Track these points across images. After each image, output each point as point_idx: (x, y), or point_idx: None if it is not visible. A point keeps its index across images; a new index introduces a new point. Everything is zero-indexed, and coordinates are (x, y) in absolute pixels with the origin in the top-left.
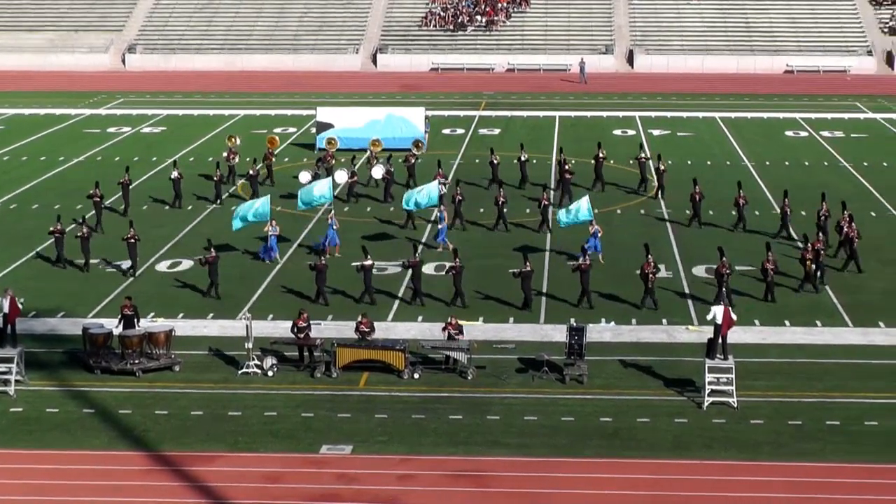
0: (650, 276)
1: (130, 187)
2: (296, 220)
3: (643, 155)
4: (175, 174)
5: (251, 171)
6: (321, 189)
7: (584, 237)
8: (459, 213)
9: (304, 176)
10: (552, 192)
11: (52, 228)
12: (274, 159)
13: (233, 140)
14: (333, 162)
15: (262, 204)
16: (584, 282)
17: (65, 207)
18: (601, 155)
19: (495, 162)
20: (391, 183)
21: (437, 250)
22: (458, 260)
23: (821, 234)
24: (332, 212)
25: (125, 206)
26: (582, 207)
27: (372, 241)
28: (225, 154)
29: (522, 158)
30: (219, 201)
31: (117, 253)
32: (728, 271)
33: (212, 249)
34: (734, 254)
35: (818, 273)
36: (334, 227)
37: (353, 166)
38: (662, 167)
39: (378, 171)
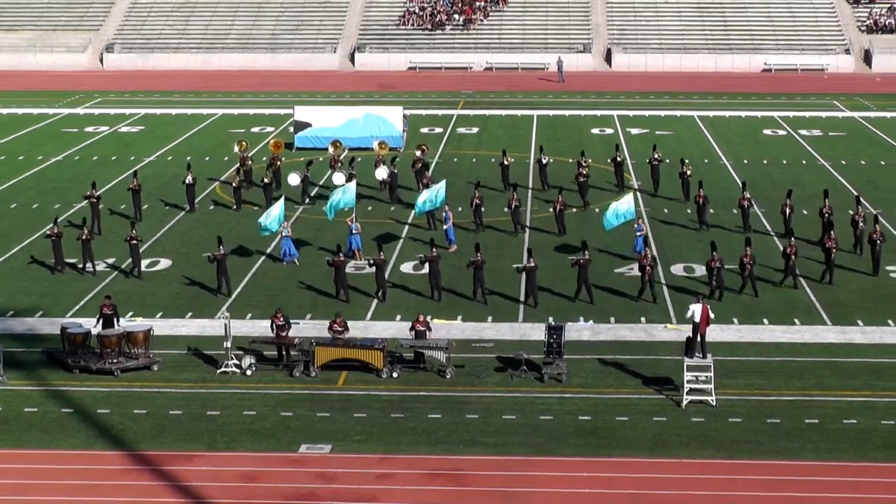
0: (647, 268)
1: (141, 193)
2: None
3: (657, 156)
4: (189, 179)
5: (265, 180)
6: (346, 194)
7: (577, 235)
8: (479, 216)
9: (294, 178)
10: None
11: (48, 232)
12: (280, 164)
13: (243, 144)
14: (339, 165)
15: (280, 208)
16: (582, 277)
17: (43, 206)
18: (618, 158)
19: (505, 164)
20: (396, 184)
21: (449, 250)
22: (479, 254)
23: (832, 231)
24: (353, 215)
25: (136, 212)
26: (628, 206)
27: (381, 241)
28: (240, 158)
29: (543, 161)
30: (236, 207)
31: (109, 253)
32: (718, 265)
33: (221, 247)
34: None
35: (828, 269)
36: (353, 231)
37: (351, 168)
38: (689, 171)
39: (382, 173)
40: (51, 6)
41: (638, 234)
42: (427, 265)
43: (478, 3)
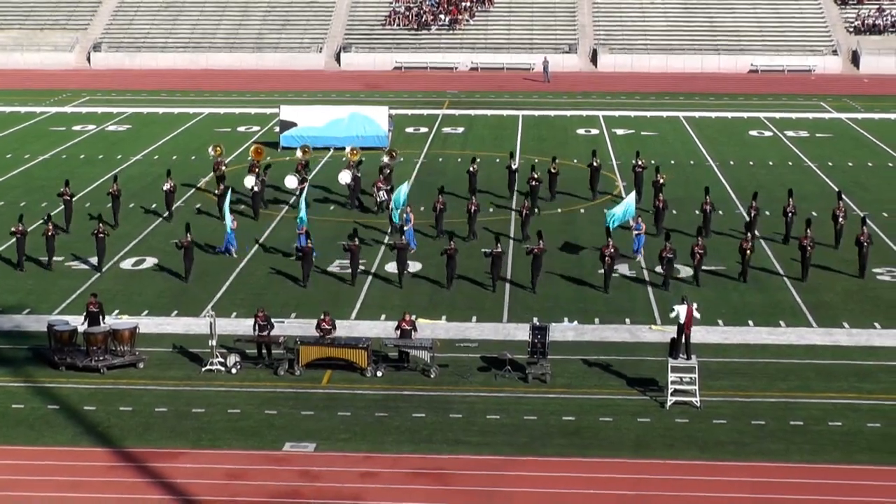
0: (607, 258)
1: (120, 198)
2: (263, 218)
3: (640, 163)
4: (168, 186)
5: (255, 188)
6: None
7: (563, 236)
8: (439, 222)
9: (250, 180)
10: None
11: (13, 228)
12: (259, 170)
13: (219, 150)
14: (225, 168)
15: (226, 203)
16: (536, 265)
17: (30, 204)
18: (595, 163)
19: (472, 171)
20: (358, 189)
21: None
22: (452, 243)
23: (808, 230)
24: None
25: (115, 217)
26: (629, 204)
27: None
28: (215, 164)
29: (514, 167)
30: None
31: (86, 250)
32: (671, 255)
33: (188, 234)
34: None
35: (802, 267)
36: (299, 230)
37: (305, 173)
38: (661, 180)
39: (345, 177)
40: (38, 6)
41: (636, 232)
42: (396, 252)
43: (463, 4)
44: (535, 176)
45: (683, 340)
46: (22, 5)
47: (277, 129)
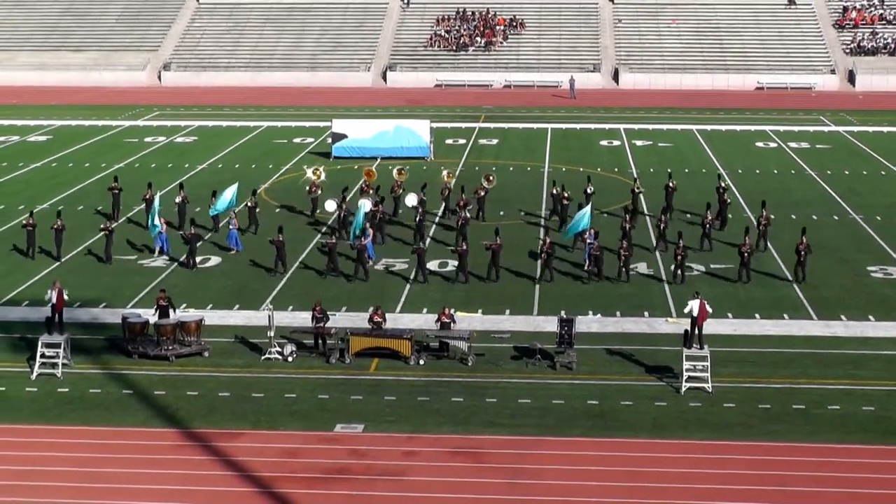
0: (543, 255)
1: (121, 195)
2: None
3: (671, 184)
4: (251, 202)
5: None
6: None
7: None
8: (464, 233)
9: (331, 204)
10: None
11: (24, 222)
12: (372, 191)
13: (318, 173)
14: (320, 192)
15: (232, 194)
16: (494, 259)
17: (106, 208)
18: (671, 185)
19: (555, 193)
20: (424, 211)
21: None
22: (498, 238)
23: (746, 237)
24: (235, 215)
25: (115, 212)
26: (582, 216)
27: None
28: (307, 188)
29: (636, 190)
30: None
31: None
32: (683, 254)
33: (193, 228)
34: (702, 258)
35: (744, 269)
36: (231, 226)
37: (341, 197)
38: (672, 183)
39: (412, 199)
40: (114, 29)
41: (589, 242)
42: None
43: (498, 28)
44: (567, 193)
45: (696, 332)
46: (99, 29)
47: (330, 140)
